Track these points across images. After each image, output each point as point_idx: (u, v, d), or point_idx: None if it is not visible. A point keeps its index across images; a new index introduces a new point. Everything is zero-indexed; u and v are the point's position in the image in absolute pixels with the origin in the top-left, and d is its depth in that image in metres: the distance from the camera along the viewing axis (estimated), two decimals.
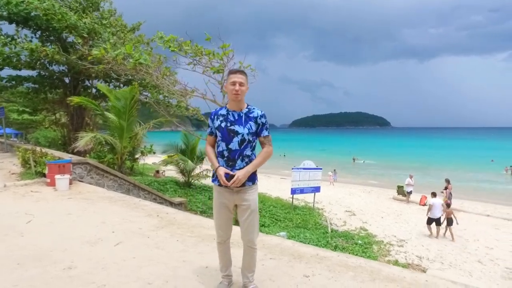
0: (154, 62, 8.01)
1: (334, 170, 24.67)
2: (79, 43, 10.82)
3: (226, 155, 2.24)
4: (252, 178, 2.29)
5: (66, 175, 6.36)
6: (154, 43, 8.18)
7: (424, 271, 7.55)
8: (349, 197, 17.04)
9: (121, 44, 10.96)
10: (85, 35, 11.36)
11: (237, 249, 2.84)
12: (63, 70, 13.65)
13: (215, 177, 2.32)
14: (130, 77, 9.86)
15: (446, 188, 14.86)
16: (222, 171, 2.21)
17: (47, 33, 12.42)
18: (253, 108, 2.34)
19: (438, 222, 10.47)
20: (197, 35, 7.34)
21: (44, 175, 6.88)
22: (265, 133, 2.32)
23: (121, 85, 14.17)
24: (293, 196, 12.64)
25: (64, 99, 12.61)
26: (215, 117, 2.33)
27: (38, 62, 12.23)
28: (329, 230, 9.75)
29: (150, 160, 21.91)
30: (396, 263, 7.69)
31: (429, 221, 10.58)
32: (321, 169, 13.80)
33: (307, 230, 9.54)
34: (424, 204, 15.46)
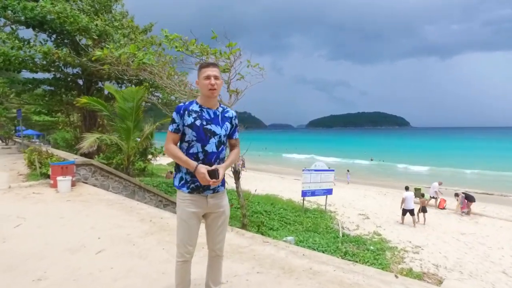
0: (159, 63, 7.91)
1: (348, 170, 24.00)
2: (89, 45, 10.94)
3: (201, 158, 1.95)
4: (223, 182, 2.08)
5: (68, 176, 6.33)
6: (166, 44, 8.09)
7: (440, 281, 7.04)
8: (364, 199, 16.43)
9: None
10: (95, 37, 11.48)
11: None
12: (77, 72, 13.91)
13: (183, 183, 1.99)
14: (141, 78, 9.85)
15: (457, 195, 14.27)
16: (204, 169, 1.87)
17: (61, 36, 12.67)
18: (227, 108, 2.11)
19: (412, 212, 11.76)
20: (210, 35, 7.16)
21: (49, 177, 6.91)
22: (236, 135, 2.15)
23: (133, 86, 14.29)
24: (304, 198, 12.27)
25: None
26: (186, 112, 1.96)
27: (53, 64, 12.49)
28: (340, 235, 9.34)
29: (165, 161, 22.03)
30: (410, 272, 7.20)
31: (404, 212, 11.90)
32: (333, 170, 13.35)
33: (317, 234, 9.17)
34: (443, 208, 14.69)
